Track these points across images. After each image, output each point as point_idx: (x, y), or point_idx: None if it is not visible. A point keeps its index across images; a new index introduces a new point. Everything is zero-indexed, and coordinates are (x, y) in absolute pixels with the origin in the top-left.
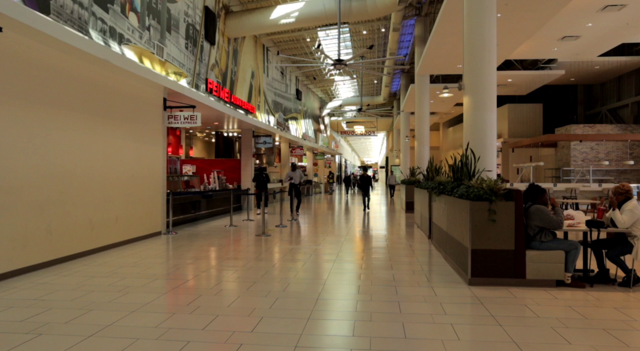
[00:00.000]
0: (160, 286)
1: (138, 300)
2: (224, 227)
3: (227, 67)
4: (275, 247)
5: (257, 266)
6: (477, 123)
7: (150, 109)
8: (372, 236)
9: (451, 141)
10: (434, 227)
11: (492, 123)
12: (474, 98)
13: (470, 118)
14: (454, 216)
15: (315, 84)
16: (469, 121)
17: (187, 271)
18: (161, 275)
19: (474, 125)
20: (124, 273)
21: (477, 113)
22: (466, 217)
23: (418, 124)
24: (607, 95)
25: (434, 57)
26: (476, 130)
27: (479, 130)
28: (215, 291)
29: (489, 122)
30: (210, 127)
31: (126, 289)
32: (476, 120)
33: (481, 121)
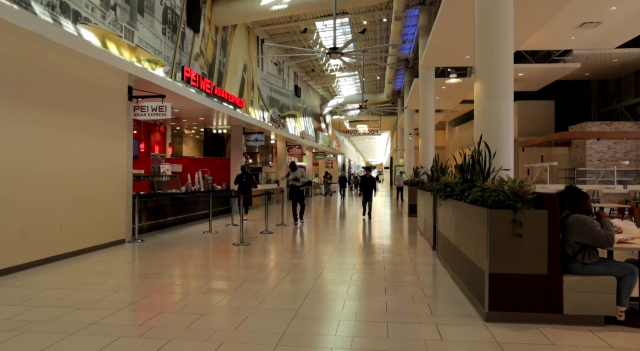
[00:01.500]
0: (74, 320)
1: (41, 344)
2: (202, 233)
3: (214, 58)
4: (250, 260)
5: (216, 289)
6: (490, 113)
7: (112, 99)
8: (368, 246)
9: (457, 141)
10: (439, 237)
11: (508, 114)
12: (487, 84)
13: (483, 108)
14: (464, 226)
15: (315, 80)
16: (480, 111)
17: (124, 297)
18: (88, 301)
19: (487, 116)
20: (39, 300)
21: (490, 102)
22: (481, 229)
23: (422, 121)
24: (624, 91)
25: (439, 46)
26: (489, 122)
27: (493, 122)
28: (140, 331)
29: (505, 112)
30: (197, 123)
31: (28, 325)
32: (489, 110)
33: (495, 111)
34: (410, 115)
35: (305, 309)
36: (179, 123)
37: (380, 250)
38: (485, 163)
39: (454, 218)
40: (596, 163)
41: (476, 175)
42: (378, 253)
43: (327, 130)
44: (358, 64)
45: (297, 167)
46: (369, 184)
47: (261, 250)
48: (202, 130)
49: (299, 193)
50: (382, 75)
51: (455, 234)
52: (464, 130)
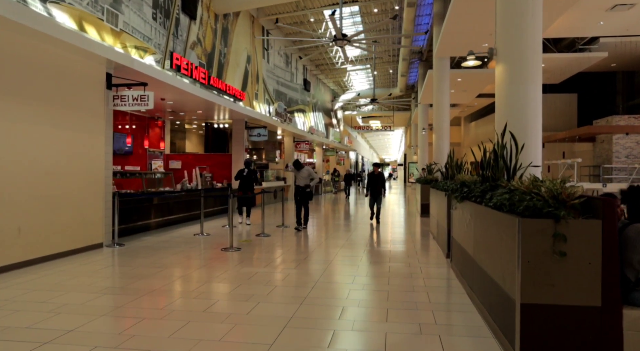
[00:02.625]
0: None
1: None
2: (193, 235)
3: (213, 48)
4: (234, 270)
5: (180, 311)
6: (515, 101)
7: (87, 87)
8: (373, 253)
9: (474, 137)
10: (453, 244)
11: (536, 101)
12: (511, 66)
13: (506, 95)
14: (485, 237)
15: (326, 74)
16: (503, 98)
17: (63, 322)
18: (15, 328)
19: (511, 104)
20: None
21: (515, 88)
22: (510, 244)
23: (437, 115)
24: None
25: (455, 33)
26: (514, 111)
27: (518, 111)
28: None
29: (533, 99)
30: (196, 117)
31: None
32: (514, 97)
33: (521, 98)
34: (424, 110)
35: (281, 343)
36: (178, 117)
37: (387, 258)
38: (511, 159)
39: (472, 225)
40: (623, 160)
41: (499, 173)
42: (384, 263)
43: (338, 126)
44: (370, 57)
45: (303, 165)
46: (377, 183)
47: (250, 257)
48: (203, 124)
49: (304, 195)
50: (395, 68)
51: (474, 245)
52: (480, 125)
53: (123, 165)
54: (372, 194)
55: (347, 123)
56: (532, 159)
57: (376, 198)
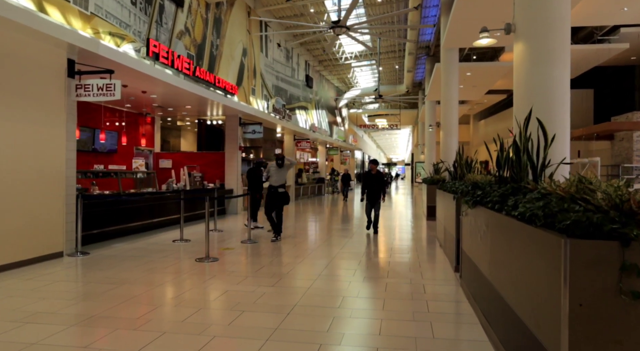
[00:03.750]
0: None
1: None
2: (172, 242)
3: (204, 38)
4: (204, 286)
5: (124, 340)
6: (537, 86)
7: (44, 75)
8: (370, 266)
9: (483, 136)
10: (463, 257)
11: (563, 86)
12: (533, 45)
13: (526, 79)
14: (508, 257)
15: (329, 70)
16: (522, 83)
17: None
18: None
19: (533, 90)
20: None
21: (538, 70)
22: (550, 275)
23: (445, 110)
24: None
25: (464, 20)
26: (536, 98)
27: (541, 97)
28: None
29: (560, 84)
30: (186, 112)
31: None
32: (536, 81)
33: (546, 82)
34: (432, 106)
35: None
36: (168, 114)
37: (385, 272)
38: (539, 153)
39: (489, 238)
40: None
41: (523, 171)
42: (380, 279)
43: (343, 124)
44: (374, 52)
45: (284, 160)
46: (375, 184)
47: (225, 270)
48: (196, 121)
49: (279, 199)
50: (401, 64)
51: (490, 264)
52: (490, 124)
53: (107, 165)
54: (368, 198)
55: (352, 121)
56: (559, 155)
57: (374, 204)
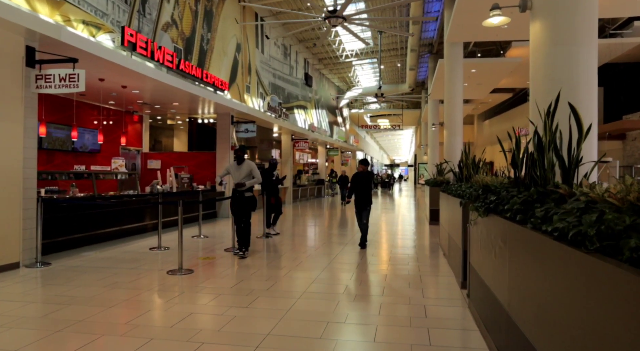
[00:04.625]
0: None
1: None
2: (149, 250)
3: (193, 31)
4: (166, 306)
5: None
6: (561, 67)
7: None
8: (363, 280)
9: (487, 136)
10: (472, 274)
11: (591, 68)
12: (554, 21)
13: (547, 60)
14: (541, 289)
15: (329, 69)
16: (541, 65)
17: None
18: None
19: (556, 72)
20: None
21: (560, 50)
22: (627, 332)
23: (448, 109)
24: None
25: (469, 11)
26: (561, 82)
27: (567, 81)
28: None
29: (586, 65)
30: (175, 110)
31: None
32: (560, 62)
33: (573, 61)
34: (435, 105)
35: None
36: (156, 112)
37: (380, 288)
38: (571, 149)
39: (508, 259)
40: None
41: (548, 172)
42: (374, 298)
43: (344, 124)
44: (376, 49)
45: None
46: (365, 187)
47: (197, 285)
48: (187, 120)
49: (243, 203)
50: (404, 62)
51: (510, 293)
52: (495, 124)
53: (89, 165)
54: (357, 204)
55: (354, 122)
56: (588, 152)
57: (363, 209)
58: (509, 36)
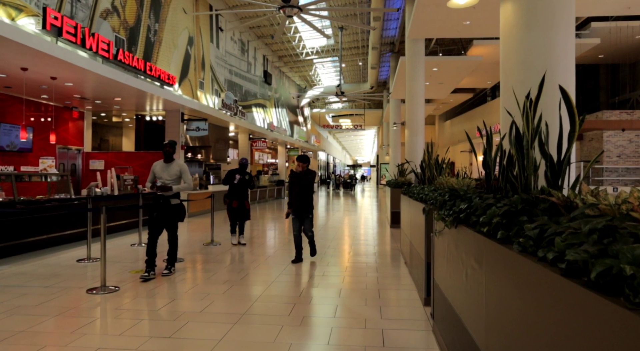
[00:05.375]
0: None
1: None
2: (76, 262)
3: (138, 21)
4: (64, 342)
5: None
6: (537, 53)
7: None
8: (315, 297)
9: (449, 137)
10: (437, 293)
11: (569, 52)
12: (526, 4)
13: (520, 46)
14: (540, 334)
15: (290, 67)
16: (515, 52)
17: None
18: None
19: (531, 59)
20: None
21: (535, 35)
22: None
23: (410, 107)
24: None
25: (431, 7)
26: (536, 69)
27: (541, 69)
28: None
29: (564, 50)
30: (119, 106)
31: None
32: (535, 47)
33: (549, 46)
34: (397, 105)
35: None
36: (99, 108)
37: (332, 307)
38: (560, 145)
39: (485, 285)
40: (616, 160)
41: (530, 174)
42: (325, 319)
43: (305, 124)
44: (337, 47)
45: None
46: (305, 190)
47: (115, 309)
48: (134, 117)
49: (167, 211)
50: (365, 61)
51: (488, 330)
52: (456, 124)
53: (18, 166)
54: (296, 210)
55: (315, 121)
56: None
57: (303, 218)
58: (471, 33)
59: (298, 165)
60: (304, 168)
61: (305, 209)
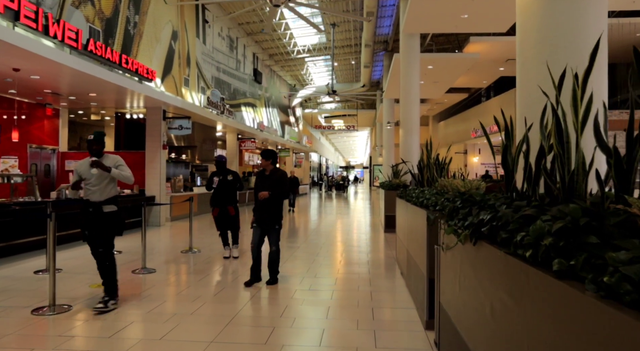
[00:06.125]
0: None
1: None
2: (33, 273)
3: (116, 12)
4: None
5: None
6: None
7: None
8: (296, 320)
9: (443, 137)
10: (443, 320)
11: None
12: None
13: (542, 22)
14: None
15: (281, 66)
16: (536, 28)
17: None
18: None
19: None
20: None
21: (560, 8)
22: None
23: (404, 105)
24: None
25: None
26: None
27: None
28: None
29: (597, 25)
30: (96, 102)
31: None
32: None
33: (580, 21)
34: (390, 105)
35: None
36: (74, 105)
37: (318, 330)
38: (631, 134)
39: (525, 327)
40: None
41: (579, 175)
42: (305, 347)
43: (297, 124)
44: (329, 46)
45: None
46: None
47: (60, 335)
48: (114, 115)
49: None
50: (358, 59)
51: None
52: (450, 125)
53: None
54: (259, 219)
55: (307, 122)
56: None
57: (267, 228)
58: (468, 28)
59: (263, 162)
60: (272, 168)
61: (272, 218)
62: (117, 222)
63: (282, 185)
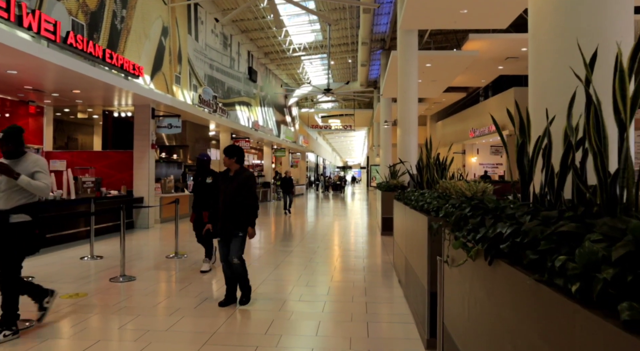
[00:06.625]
0: None
1: None
2: None
3: (101, 6)
4: None
5: None
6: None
7: None
8: (283, 336)
9: (441, 137)
10: (447, 343)
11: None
12: None
13: None
14: None
15: (276, 64)
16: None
17: None
18: None
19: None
20: None
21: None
22: None
23: (402, 104)
24: None
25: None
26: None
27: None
28: None
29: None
30: (81, 100)
31: None
32: None
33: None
34: (387, 104)
35: None
36: (60, 102)
37: (306, 348)
38: None
39: None
40: None
41: (628, 175)
42: None
43: (293, 124)
44: (325, 44)
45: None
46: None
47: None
48: (101, 113)
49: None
50: (355, 58)
51: None
52: (448, 125)
53: None
54: (222, 230)
55: (304, 122)
56: None
57: (229, 240)
58: (468, 24)
59: (225, 160)
60: (238, 167)
61: (233, 223)
62: (29, 236)
63: (250, 189)
